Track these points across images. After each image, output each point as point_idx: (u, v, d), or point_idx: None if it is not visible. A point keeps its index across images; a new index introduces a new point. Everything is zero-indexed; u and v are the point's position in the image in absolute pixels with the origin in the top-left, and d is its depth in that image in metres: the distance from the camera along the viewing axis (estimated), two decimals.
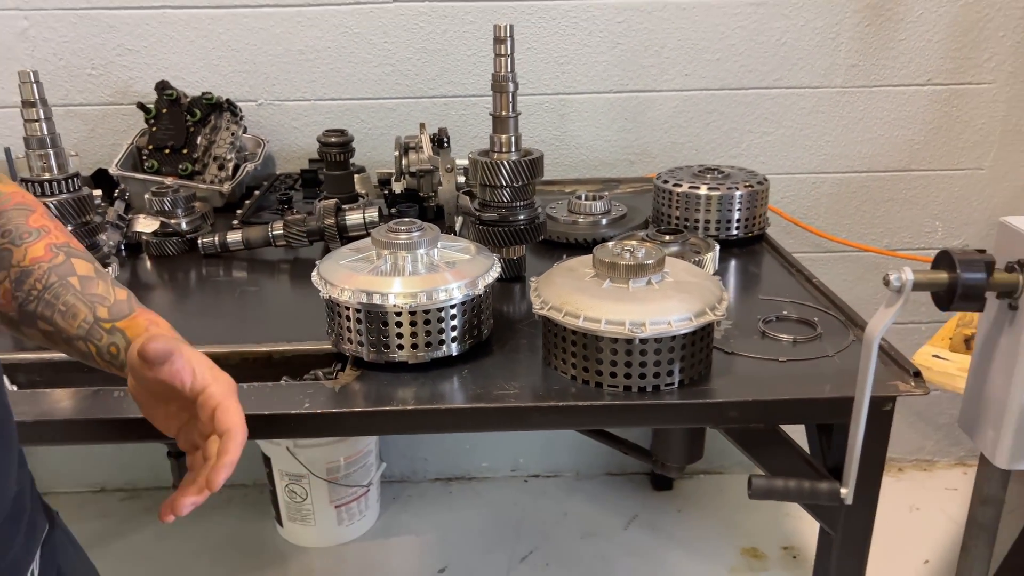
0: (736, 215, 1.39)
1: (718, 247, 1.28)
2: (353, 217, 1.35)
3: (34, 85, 1.16)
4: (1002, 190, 1.91)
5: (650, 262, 0.94)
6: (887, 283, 0.78)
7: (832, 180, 1.90)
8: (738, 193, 1.38)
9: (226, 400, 0.68)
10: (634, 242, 1.01)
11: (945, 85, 1.82)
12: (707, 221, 1.39)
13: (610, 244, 0.99)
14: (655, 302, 0.91)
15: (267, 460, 1.85)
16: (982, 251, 0.78)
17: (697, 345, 0.93)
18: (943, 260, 0.79)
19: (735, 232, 1.40)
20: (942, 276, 0.77)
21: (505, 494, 2.11)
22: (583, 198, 1.47)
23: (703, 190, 1.39)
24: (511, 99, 1.16)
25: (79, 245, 0.77)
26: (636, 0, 1.71)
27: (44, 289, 0.73)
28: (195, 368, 0.68)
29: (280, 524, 1.94)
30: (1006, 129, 1.86)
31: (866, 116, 1.84)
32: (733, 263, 1.37)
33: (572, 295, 0.93)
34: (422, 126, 1.51)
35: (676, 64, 1.77)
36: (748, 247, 1.42)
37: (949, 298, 0.78)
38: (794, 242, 1.91)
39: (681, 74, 1.78)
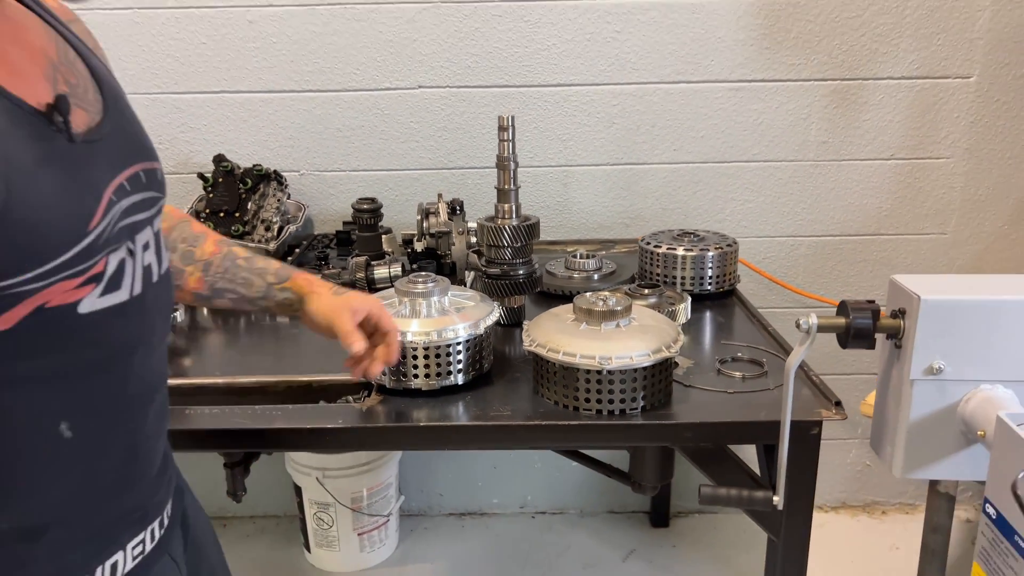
0: (709, 272, 1.61)
1: (689, 299, 1.50)
2: (380, 272, 1.59)
3: None
4: (964, 253, 2.11)
5: (619, 308, 1.16)
6: (798, 326, 0.99)
7: (808, 243, 2.11)
8: (710, 254, 1.61)
9: (384, 311, 1.08)
10: (607, 293, 1.23)
11: (907, 159, 2.04)
12: (683, 277, 1.61)
13: (588, 294, 1.21)
14: (621, 341, 1.12)
15: (298, 490, 2.06)
16: (871, 302, 0.99)
17: (657, 376, 1.14)
18: (841, 308, 1.00)
19: (708, 287, 1.62)
20: (840, 321, 0.98)
21: (514, 529, 2.29)
22: (578, 256, 1.70)
23: (680, 251, 1.61)
24: (512, 175, 1.40)
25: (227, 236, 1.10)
26: (629, 87, 1.97)
27: (224, 271, 1.03)
28: (368, 309, 1.07)
29: (308, 550, 2.14)
30: (965, 198, 2.07)
31: (837, 186, 2.06)
32: (707, 314, 1.58)
33: (555, 335, 1.15)
34: (440, 195, 1.76)
35: (665, 140, 2.02)
36: (720, 300, 1.63)
37: (846, 338, 0.98)
38: (776, 297, 2.11)
39: (670, 149, 2.03)
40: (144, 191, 0.74)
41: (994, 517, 0.87)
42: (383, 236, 1.80)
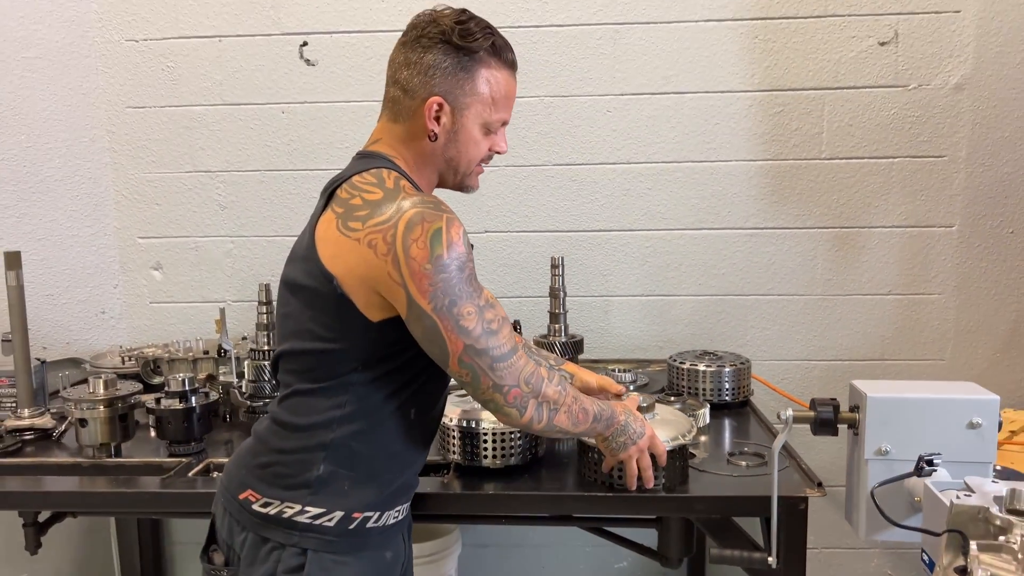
0: (726, 385, 1.93)
1: (708, 406, 1.81)
2: None
3: (265, 290, 1.85)
4: (962, 377, 2.37)
5: (645, 405, 1.49)
6: (779, 416, 1.31)
7: (821, 366, 2.41)
8: (726, 370, 1.93)
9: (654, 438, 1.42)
10: (636, 394, 1.56)
11: (904, 295, 2.36)
12: (704, 389, 1.93)
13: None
14: None
15: None
16: (833, 399, 1.30)
17: (675, 460, 1.45)
18: (812, 404, 1.32)
19: (726, 397, 1.93)
20: (810, 413, 1.30)
21: None
22: (616, 371, 2.04)
23: (701, 367, 1.94)
24: (562, 302, 1.78)
25: None
26: (659, 232, 2.37)
27: None
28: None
29: None
30: (959, 329, 2.37)
31: (844, 317, 2.38)
32: (724, 420, 1.88)
33: None
34: None
35: (691, 276, 2.39)
36: (736, 409, 1.94)
37: (815, 427, 1.30)
38: None
39: (695, 283, 2.39)
40: None
41: (927, 562, 1.15)
42: None
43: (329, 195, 1.25)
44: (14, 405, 1.86)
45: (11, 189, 2.28)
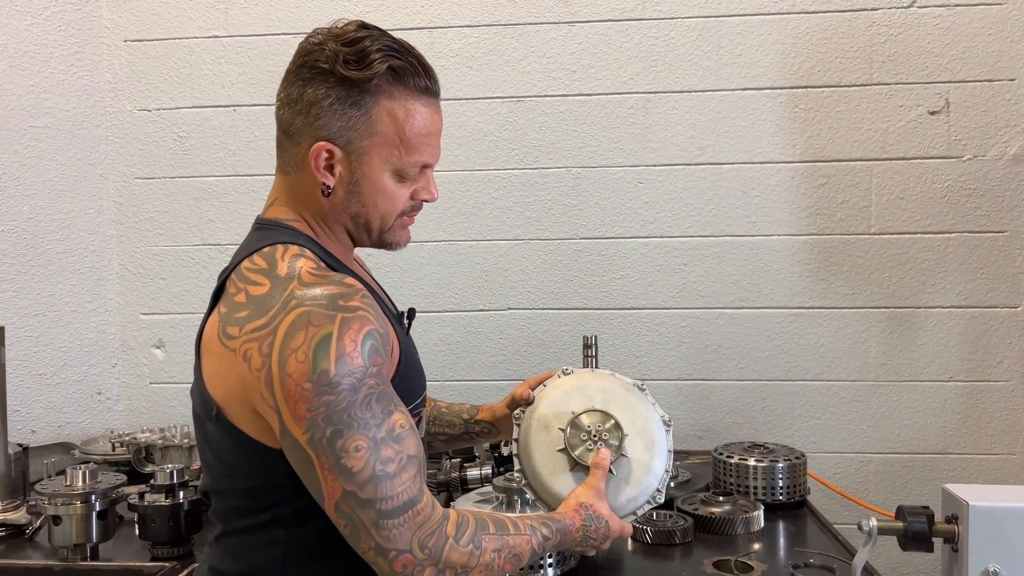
0: (779, 483, 1.72)
1: (763, 507, 1.60)
2: (472, 472, 1.75)
3: None
4: None
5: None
6: (860, 528, 1.10)
7: (877, 459, 2.19)
8: (780, 465, 1.72)
9: None
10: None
11: (966, 382, 2.15)
12: (755, 487, 1.72)
13: None
14: None
15: None
16: (925, 507, 1.10)
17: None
18: (899, 513, 1.11)
19: (780, 497, 1.71)
20: (898, 524, 1.09)
21: None
22: None
23: (751, 461, 1.74)
24: None
25: None
26: (695, 311, 2.19)
27: (434, 419, 1.40)
28: None
29: None
30: None
31: (900, 405, 2.17)
32: (779, 523, 1.66)
33: None
34: None
35: (732, 359, 2.20)
36: (792, 511, 1.72)
37: (905, 540, 1.09)
38: (849, 513, 2.15)
39: (737, 367, 2.20)
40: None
41: None
42: None
43: (219, 289, 1.02)
44: None
45: (9, 262, 2.16)
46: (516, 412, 1.27)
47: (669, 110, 2.17)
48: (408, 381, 1.05)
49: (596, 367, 1.61)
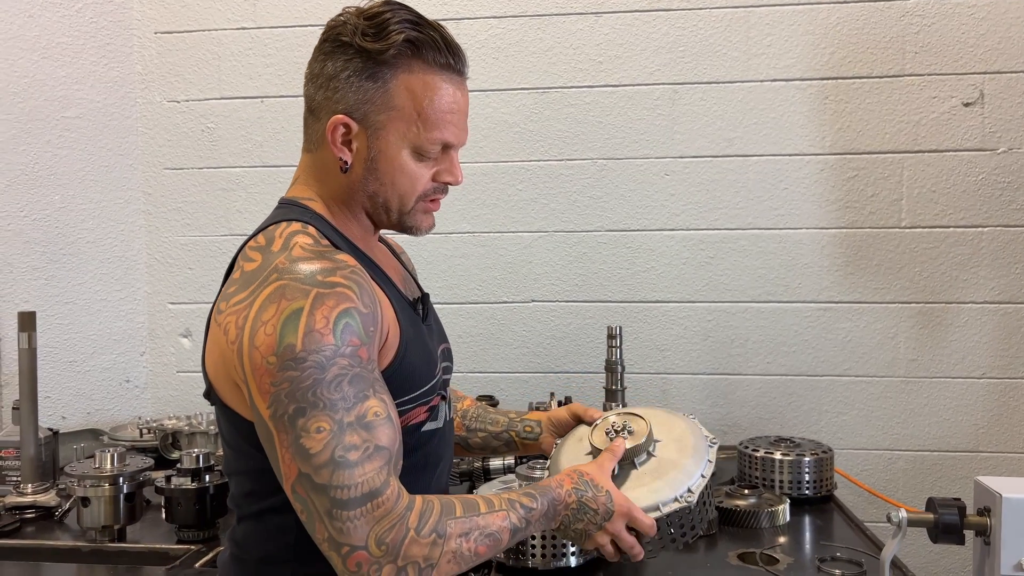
0: (806, 477, 1.69)
1: (788, 501, 1.58)
2: (495, 462, 1.75)
3: None
4: None
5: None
6: (889, 520, 1.08)
7: (907, 457, 2.15)
8: (806, 459, 1.70)
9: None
10: None
11: (999, 379, 2.11)
12: (781, 481, 1.70)
13: None
14: None
15: None
16: (957, 499, 1.08)
17: (680, 520, 1.07)
18: (929, 505, 1.09)
19: (806, 491, 1.69)
20: (928, 516, 1.07)
21: None
22: None
23: (777, 455, 1.71)
24: (619, 377, 1.58)
25: None
26: (721, 304, 2.17)
27: (476, 416, 1.33)
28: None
29: None
30: None
31: (930, 402, 2.13)
32: (805, 517, 1.64)
33: None
34: (552, 394, 1.94)
35: (758, 354, 2.17)
36: (818, 505, 1.69)
37: (936, 533, 1.07)
38: (877, 511, 2.11)
39: (763, 361, 2.17)
40: (447, 360, 1.17)
41: None
42: None
43: (229, 270, 1.01)
44: (18, 479, 1.71)
45: (40, 250, 2.19)
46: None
47: (696, 101, 2.15)
48: (408, 369, 1.01)
49: (621, 359, 1.60)
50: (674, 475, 1.09)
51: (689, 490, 1.07)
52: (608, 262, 2.21)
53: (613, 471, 1.09)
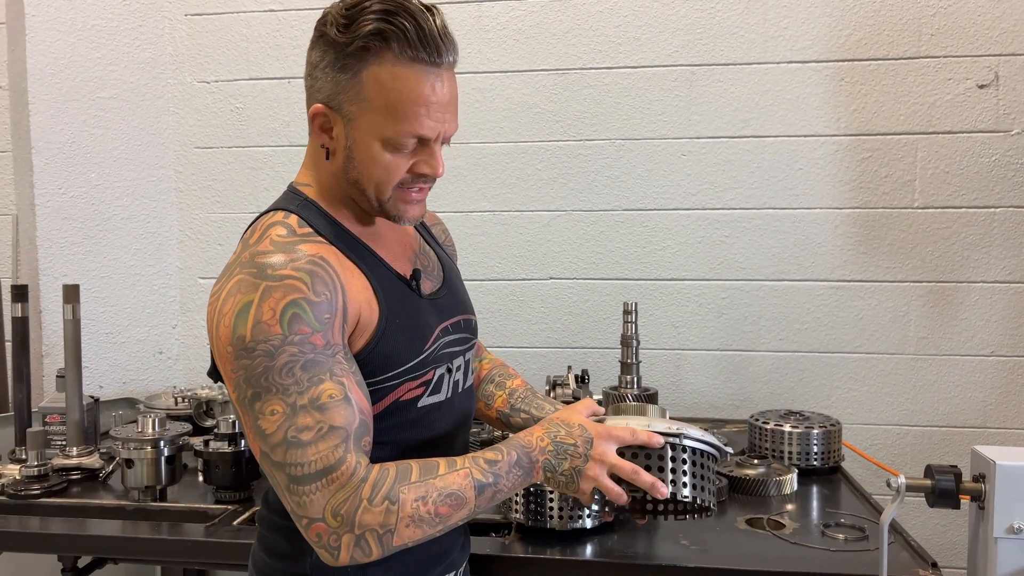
0: (814, 449, 1.75)
1: (796, 471, 1.64)
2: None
3: None
4: None
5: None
6: (888, 485, 1.14)
7: (915, 432, 2.20)
8: (815, 431, 1.76)
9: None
10: None
11: (1008, 357, 2.15)
12: (790, 452, 1.76)
13: None
14: None
15: None
16: (953, 466, 1.13)
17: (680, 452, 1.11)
18: (927, 472, 1.15)
19: (814, 462, 1.75)
20: (926, 482, 1.13)
21: None
22: None
23: (787, 427, 1.77)
24: (634, 352, 1.65)
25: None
26: (736, 282, 2.22)
27: (524, 397, 1.31)
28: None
29: None
30: None
31: (940, 379, 2.18)
32: (813, 487, 1.70)
33: None
34: (569, 367, 2.01)
35: (771, 331, 2.23)
36: (825, 476, 1.75)
37: (933, 498, 1.13)
38: (883, 482, 2.17)
39: (776, 339, 2.23)
40: (462, 332, 1.16)
41: None
42: None
43: None
44: (64, 443, 1.81)
45: (79, 226, 2.28)
46: None
47: (713, 83, 2.19)
48: (388, 346, 1.02)
49: (636, 334, 1.66)
50: (669, 424, 1.06)
51: (685, 435, 1.03)
52: (625, 240, 2.26)
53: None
